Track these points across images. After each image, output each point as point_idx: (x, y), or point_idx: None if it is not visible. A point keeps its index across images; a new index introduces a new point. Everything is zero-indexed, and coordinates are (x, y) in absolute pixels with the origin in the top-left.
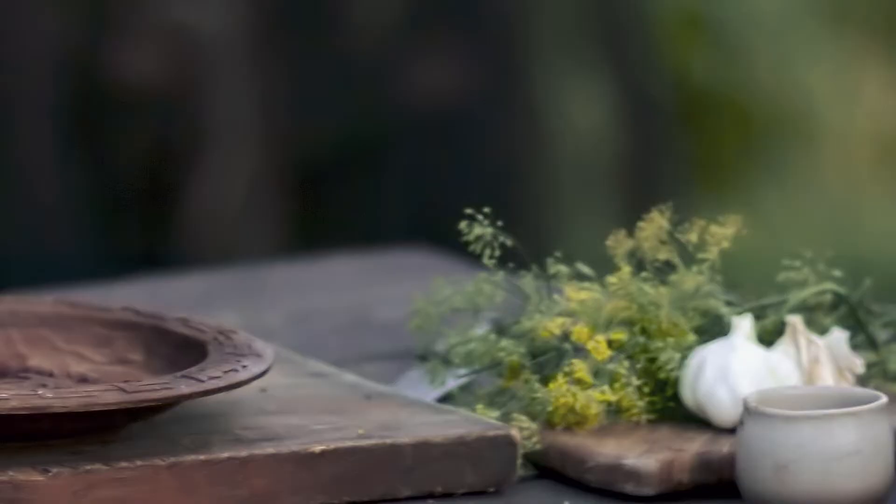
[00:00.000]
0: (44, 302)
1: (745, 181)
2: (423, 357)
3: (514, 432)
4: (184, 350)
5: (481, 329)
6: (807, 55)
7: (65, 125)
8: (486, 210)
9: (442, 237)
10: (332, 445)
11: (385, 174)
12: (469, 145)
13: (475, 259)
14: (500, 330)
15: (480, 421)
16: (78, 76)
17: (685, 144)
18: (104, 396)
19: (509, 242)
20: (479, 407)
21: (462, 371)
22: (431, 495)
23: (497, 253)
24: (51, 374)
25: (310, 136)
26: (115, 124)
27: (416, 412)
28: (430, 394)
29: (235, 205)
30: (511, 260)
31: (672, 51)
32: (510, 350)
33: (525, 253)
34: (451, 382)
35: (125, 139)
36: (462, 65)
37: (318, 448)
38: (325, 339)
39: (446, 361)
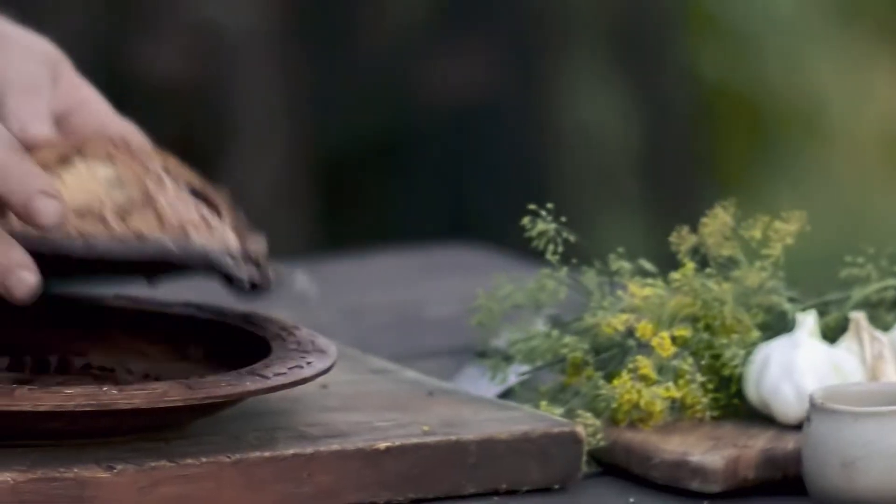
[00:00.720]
0: (105, 298)
1: (756, 179)
2: (482, 353)
3: (579, 429)
4: (246, 346)
5: (538, 326)
6: (818, 53)
7: None
8: (550, 206)
9: (467, 232)
10: (397, 442)
11: (410, 170)
12: (494, 142)
13: (521, 255)
14: (558, 326)
15: (545, 417)
16: (106, 72)
17: (703, 142)
18: (169, 393)
19: (572, 238)
20: (543, 404)
21: (522, 367)
22: (496, 492)
23: (560, 249)
24: (112, 371)
25: (335, 133)
26: (142, 120)
27: (480, 409)
28: (490, 390)
29: (261, 201)
30: (568, 256)
31: (686, 49)
32: (573, 346)
33: (587, 249)
34: (512, 379)
35: (152, 135)
36: (487, 61)
37: (383, 445)
38: (378, 336)
39: (506, 358)
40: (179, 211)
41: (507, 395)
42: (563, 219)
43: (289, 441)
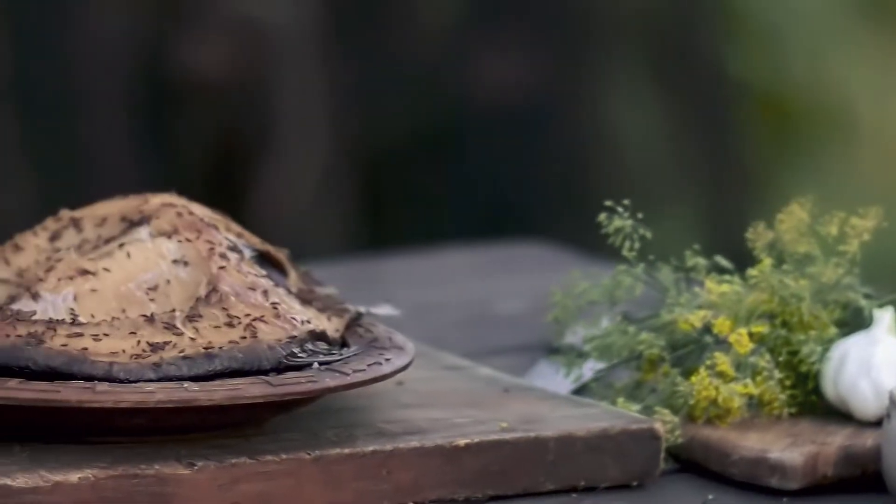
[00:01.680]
0: None
1: (782, 176)
2: (553, 350)
3: (658, 426)
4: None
5: (608, 322)
6: (844, 50)
7: (136, 119)
8: (626, 202)
9: (508, 230)
10: (476, 439)
11: (453, 168)
12: (537, 139)
13: (583, 251)
14: (631, 323)
15: (622, 414)
16: (149, 71)
17: (743, 142)
18: (250, 390)
19: (648, 235)
20: (620, 400)
21: (595, 364)
22: (574, 489)
23: (637, 245)
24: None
25: (378, 130)
26: (184, 118)
27: (557, 405)
28: (564, 387)
29: (304, 198)
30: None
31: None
32: (650, 343)
33: (663, 246)
34: (586, 375)
35: (195, 133)
36: (531, 57)
37: (462, 442)
38: (448, 333)
39: (581, 354)
40: (247, 300)
41: (580, 391)
42: (640, 215)
43: (368, 438)
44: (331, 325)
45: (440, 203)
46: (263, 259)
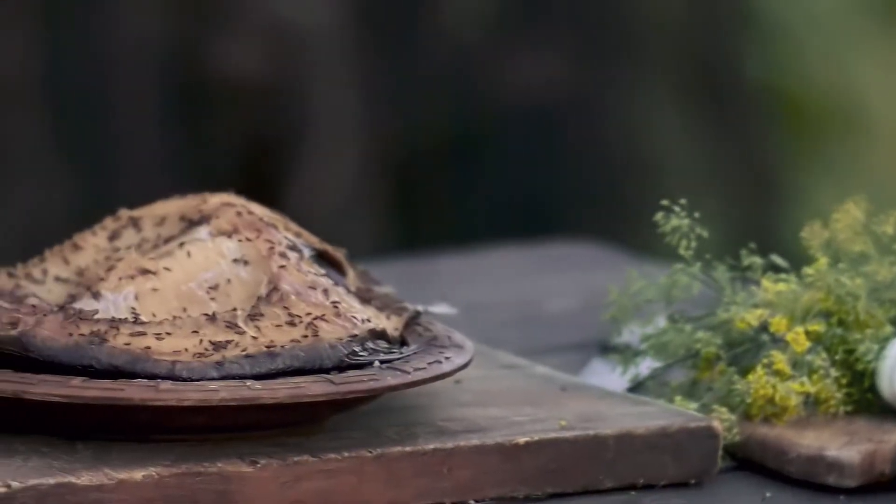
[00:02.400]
0: None
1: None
2: (606, 348)
3: (716, 424)
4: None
5: (663, 321)
6: (859, 51)
7: (169, 120)
8: (683, 201)
9: (540, 230)
10: (536, 437)
11: (486, 167)
12: (568, 140)
13: (629, 250)
14: (687, 322)
15: (680, 412)
16: (182, 72)
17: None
18: (312, 388)
19: (705, 234)
20: (678, 399)
21: (651, 362)
22: (633, 487)
23: (694, 244)
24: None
25: (410, 129)
26: (218, 119)
27: (615, 403)
28: (617, 384)
29: (336, 198)
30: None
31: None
32: (707, 342)
33: (719, 245)
34: (641, 374)
35: (228, 133)
36: (561, 58)
37: (521, 440)
38: (500, 332)
39: (637, 353)
40: (307, 299)
41: (635, 389)
42: (698, 214)
43: (428, 436)
44: (390, 324)
45: (472, 203)
46: (322, 258)
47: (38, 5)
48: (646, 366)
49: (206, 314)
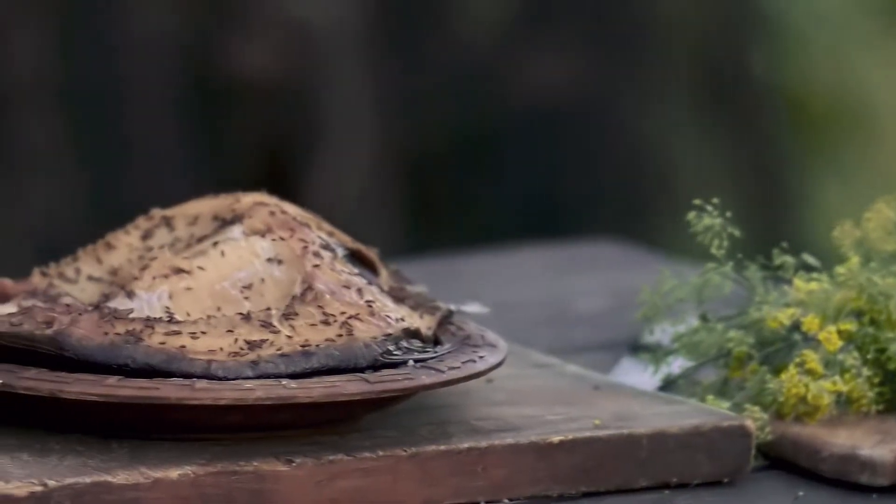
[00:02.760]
0: None
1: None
2: (636, 347)
3: (749, 423)
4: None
5: (692, 320)
6: (867, 50)
7: (184, 119)
8: (715, 201)
9: (554, 231)
10: (570, 436)
11: (499, 168)
12: (582, 141)
13: (657, 250)
14: (718, 321)
15: (713, 411)
16: (196, 71)
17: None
18: (347, 387)
19: (736, 233)
20: (710, 398)
21: (682, 361)
22: (666, 486)
23: (725, 244)
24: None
25: (424, 130)
26: (232, 118)
27: (648, 403)
28: (648, 383)
29: (350, 198)
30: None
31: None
32: (739, 341)
33: (752, 244)
34: (673, 373)
35: (242, 133)
36: (577, 59)
37: (555, 438)
38: (529, 331)
39: (669, 352)
40: (342, 298)
41: (665, 388)
42: (729, 214)
43: (462, 435)
44: (423, 323)
45: (487, 205)
46: (354, 257)
47: (54, 5)
48: (677, 365)
49: (240, 313)
